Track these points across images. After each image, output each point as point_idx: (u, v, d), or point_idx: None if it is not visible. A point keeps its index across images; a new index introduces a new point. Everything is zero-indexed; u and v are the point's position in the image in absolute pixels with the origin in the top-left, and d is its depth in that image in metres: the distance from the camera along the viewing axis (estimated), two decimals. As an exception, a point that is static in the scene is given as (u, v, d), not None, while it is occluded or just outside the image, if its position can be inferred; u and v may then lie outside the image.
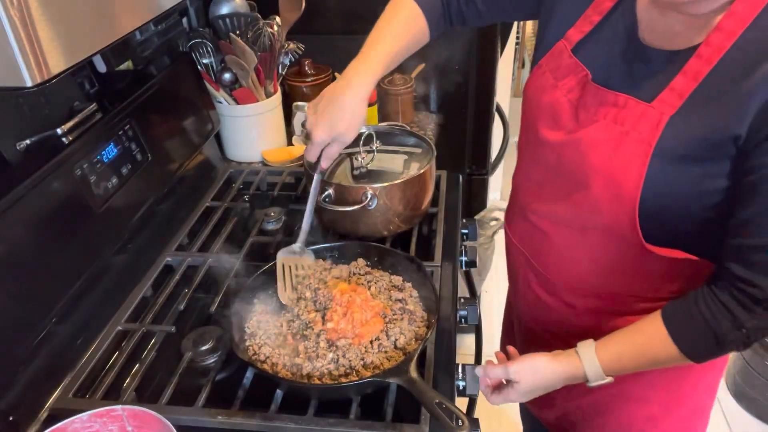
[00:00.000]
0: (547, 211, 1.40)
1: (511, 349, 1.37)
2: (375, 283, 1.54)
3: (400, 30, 1.49)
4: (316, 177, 1.56)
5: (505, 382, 1.37)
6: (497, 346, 1.99)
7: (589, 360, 1.25)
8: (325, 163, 1.50)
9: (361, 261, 1.62)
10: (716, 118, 1.07)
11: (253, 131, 2.26)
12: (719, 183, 1.11)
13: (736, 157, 1.08)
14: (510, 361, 1.32)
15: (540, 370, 1.29)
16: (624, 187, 1.17)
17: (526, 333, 1.70)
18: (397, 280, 1.57)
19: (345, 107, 1.42)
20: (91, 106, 1.60)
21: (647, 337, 1.22)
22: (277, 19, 2.20)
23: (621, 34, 1.25)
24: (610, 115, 1.20)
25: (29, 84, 0.94)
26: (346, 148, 1.53)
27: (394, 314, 1.45)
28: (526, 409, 2.07)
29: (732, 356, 3.12)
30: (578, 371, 1.26)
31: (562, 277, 1.44)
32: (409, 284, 1.56)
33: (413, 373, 1.25)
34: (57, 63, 0.99)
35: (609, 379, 1.25)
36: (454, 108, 2.59)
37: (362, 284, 1.53)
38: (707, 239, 1.20)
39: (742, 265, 1.10)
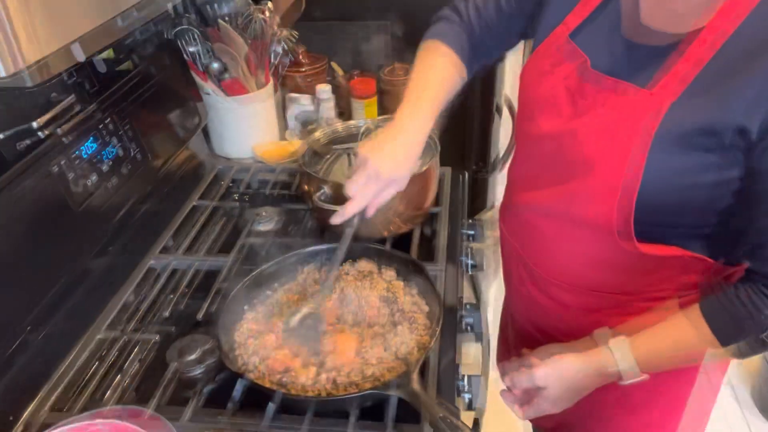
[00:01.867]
0: (540, 203, 1.42)
1: (525, 351, 1.38)
2: (375, 287, 1.55)
3: (442, 73, 1.52)
4: (347, 231, 1.47)
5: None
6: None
7: (624, 356, 1.26)
8: (372, 210, 1.42)
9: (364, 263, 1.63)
10: (719, 105, 1.10)
11: (243, 125, 2.26)
12: (722, 174, 1.15)
13: (745, 152, 1.11)
14: (535, 367, 1.33)
15: (567, 371, 1.30)
16: (623, 176, 1.19)
17: (520, 332, 1.73)
18: (398, 285, 1.57)
19: (404, 150, 1.41)
20: (69, 98, 1.59)
21: (684, 333, 1.25)
22: (269, 4, 2.20)
23: (622, 17, 1.28)
24: (608, 103, 1.23)
25: (3, 75, 0.94)
26: (343, 143, 1.53)
27: (395, 321, 1.45)
28: None
29: (756, 369, 3.13)
30: (611, 368, 1.27)
31: (553, 273, 1.47)
32: (410, 289, 1.56)
33: (415, 385, 1.25)
34: (32, 52, 0.99)
35: (644, 377, 1.26)
36: (458, 104, 2.59)
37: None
38: (702, 234, 1.26)
39: None
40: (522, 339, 1.71)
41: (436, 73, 1.51)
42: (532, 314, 1.61)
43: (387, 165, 1.36)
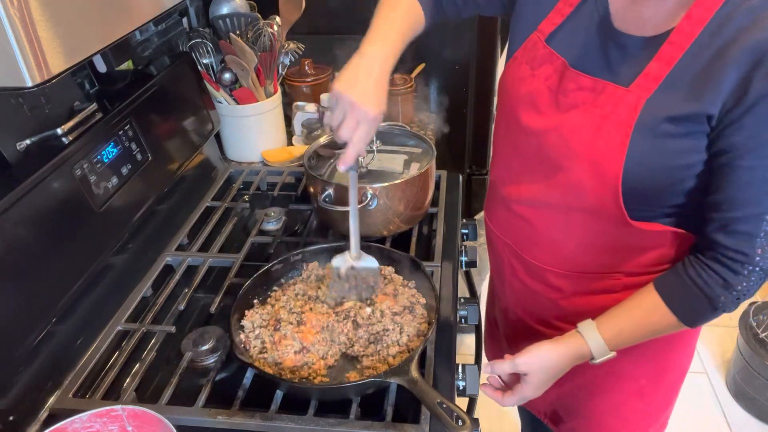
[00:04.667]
0: (529, 197, 1.43)
1: (507, 356, 1.38)
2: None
3: (405, 15, 1.44)
4: (352, 175, 1.44)
5: (504, 381, 1.39)
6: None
7: (593, 337, 1.28)
8: (351, 154, 1.32)
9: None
10: (690, 98, 1.14)
11: (253, 131, 2.26)
12: (695, 157, 1.18)
13: (708, 135, 1.15)
14: (515, 355, 1.33)
15: (546, 357, 1.31)
16: (607, 167, 1.22)
17: (514, 325, 1.71)
18: (398, 279, 1.57)
19: (381, 86, 1.33)
20: (91, 106, 1.60)
21: (645, 310, 1.28)
22: (277, 19, 2.20)
23: (595, 23, 1.30)
24: (589, 100, 1.25)
25: (29, 84, 0.94)
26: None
27: (398, 313, 1.46)
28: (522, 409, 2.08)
29: (732, 356, 3.13)
30: (583, 350, 1.29)
31: (548, 261, 1.47)
32: (410, 284, 1.56)
33: (414, 373, 1.25)
34: (57, 63, 0.99)
35: (612, 354, 1.28)
36: (455, 108, 2.59)
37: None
38: (687, 211, 1.28)
39: (726, 236, 1.18)
40: (515, 331, 1.70)
41: (400, 14, 1.43)
42: (527, 304, 1.61)
43: (369, 102, 1.30)
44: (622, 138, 1.19)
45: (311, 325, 1.43)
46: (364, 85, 1.31)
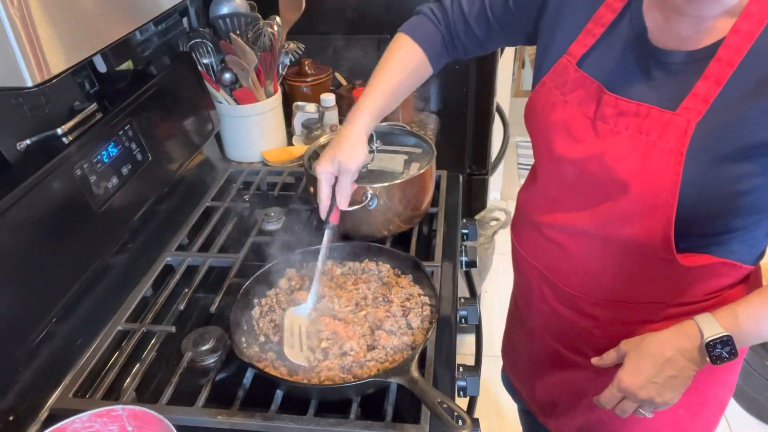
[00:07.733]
0: (564, 224, 1.36)
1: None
2: (370, 283, 1.55)
3: (395, 68, 1.51)
4: (327, 231, 1.49)
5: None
6: (497, 346, 1.99)
7: (708, 322, 1.17)
8: (343, 202, 1.45)
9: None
10: (748, 120, 1.06)
11: (253, 131, 2.26)
12: (759, 180, 1.10)
13: None
14: (618, 374, 1.27)
15: (648, 336, 1.25)
16: (659, 197, 1.14)
17: (541, 350, 1.63)
18: (397, 279, 1.57)
19: (343, 139, 1.43)
20: (92, 106, 1.60)
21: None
22: (277, 19, 2.20)
23: (632, 41, 1.23)
24: (633, 126, 1.17)
25: (29, 84, 0.94)
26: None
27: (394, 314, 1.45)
28: (527, 417, 2.05)
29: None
30: (689, 327, 1.19)
31: (582, 289, 1.40)
32: (412, 283, 1.56)
33: (414, 372, 1.25)
34: (57, 63, 0.99)
35: (724, 333, 1.15)
36: (455, 108, 2.60)
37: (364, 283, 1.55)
38: (738, 239, 1.22)
39: None
40: (545, 357, 1.62)
41: (389, 67, 1.51)
42: (557, 331, 1.53)
43: (321, 161, 1.42)
44: (674, 166, 1.11)
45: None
46: (326, 148, 1.46)
